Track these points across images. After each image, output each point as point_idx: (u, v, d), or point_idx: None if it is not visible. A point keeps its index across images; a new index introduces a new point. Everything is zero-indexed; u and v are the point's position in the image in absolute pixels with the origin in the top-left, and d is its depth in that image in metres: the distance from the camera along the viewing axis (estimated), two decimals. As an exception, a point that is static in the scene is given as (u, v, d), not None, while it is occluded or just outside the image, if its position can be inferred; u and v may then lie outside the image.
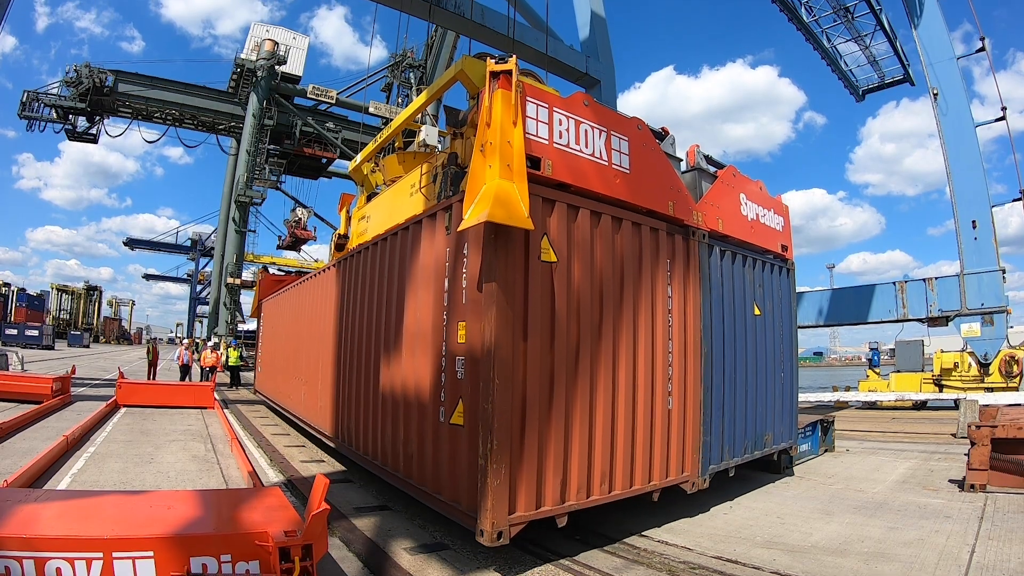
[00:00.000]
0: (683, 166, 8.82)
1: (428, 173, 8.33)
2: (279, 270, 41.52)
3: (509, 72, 5.66)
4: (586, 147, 6.40)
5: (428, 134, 10.49)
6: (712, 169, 9.16)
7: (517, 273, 5.62)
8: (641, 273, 6.97)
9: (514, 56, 5.87)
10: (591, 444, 6.16)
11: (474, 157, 5.64)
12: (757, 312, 9.12)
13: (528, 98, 5.86)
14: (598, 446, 6.21)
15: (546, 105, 6.05)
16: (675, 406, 7.26)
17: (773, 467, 9.81)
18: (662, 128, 8.49)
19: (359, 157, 12.71)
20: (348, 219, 13.00)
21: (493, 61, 5.78)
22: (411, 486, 6.80)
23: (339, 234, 13.47)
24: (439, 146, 10.34)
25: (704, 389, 7.60)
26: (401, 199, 9.31)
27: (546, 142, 5.98)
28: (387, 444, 7.53)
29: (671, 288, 7.41)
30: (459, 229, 5.59)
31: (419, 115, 11.43)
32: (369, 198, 12.17)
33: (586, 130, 6.41)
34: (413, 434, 6.78)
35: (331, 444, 10.09)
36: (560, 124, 6.14)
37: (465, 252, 5.95)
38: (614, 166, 6.73)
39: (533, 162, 5.76)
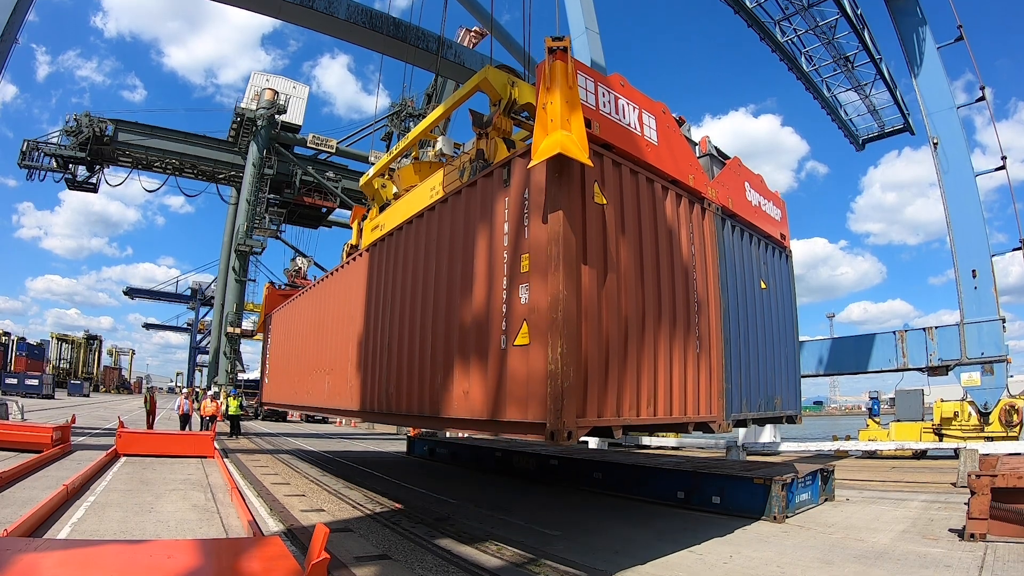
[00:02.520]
0: (697, 151, 9.66)
1: (456, 169, 9.54)
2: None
3: (564, 48, 6.61)
4: (623, 118, 7.47)
5: (444, 144, 11.19)
6: (721, 159, 10.11)
7: (576, 208, 6.45)
8: (670, 230, 7.97)
9: (568, 36, 6.80)
10: (639, 369, 6.98)
11: (538, 115, 6.53)
12: (763, 286, 10.08)
13: (578, 71, 6.74)
14: (645, 373, 7.05)
15: (592, 79, 7.09)
16: (702, 351, 8.14)
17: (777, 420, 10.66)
18: (679, 116, 9.31)
19: (371, 171, 13.20)
20: (360, 230, 13.58)
21: (550, 39, 6.70)
22: (463, 422, 7.55)
23: (351, 245, 14.05)
24: (454, 155, 11.14)
25: (724, 341, 8.50)
26: (421, 201, 10.19)
27: (593, 108, 6.95)
28: (437, 392, 8.11)
29: (693, 248, 8.44)
30: (530, 166, 6.48)
31: (435, 127, 12.01)
32: (381, 209, 12.64)
33: (623, 105, 7.49)
34: (471, 369, 7.34)
35: (359, 419, 10.77)
36: (603, 96, 7.18)
37: (526, 196, 6.80)
38: (646, 137, 7.80)
39: (584, 122, 6.56)
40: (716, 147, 10.10)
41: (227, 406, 26.15)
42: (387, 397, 9.72)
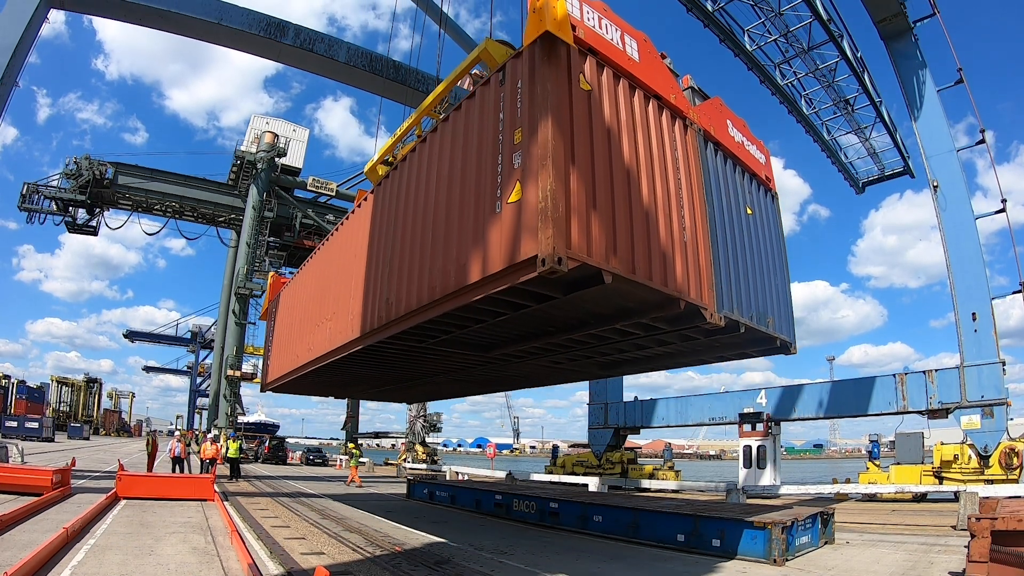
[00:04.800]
0: (681, 85, 9.81)
1: None
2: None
3: None
4: (607, 33, 7.93)
5: None
6: (703, 95, 10.25)
7: (563, 87, 6.91)
8: (651, 133, 8.26)
9: None
10: (631, 222, 7.39)
11: (530, 17, 7.06)
12: (749, 212, 10.20)
13: None
14: (634, 228, 7.43)
15: None
16: (689, 241, 8.40)
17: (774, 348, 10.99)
18: (662, 53, 9.54)
19: (375, 157, 13.37)
20: None
21: None
22: (458, 294, 7.85)
23: None
24: None
25: (712, 243, 8.75)
26: None
27: (578, 19, 7.38)
28: (435, 277, 8.47)
29: (678, 155, 8.65)
30: (522, 48, 7.26)
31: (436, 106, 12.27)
32: None
33: (606, 24, 7.95)
34: (470, 242, 7.73)
35: (360, 346, 11.16)
36: (587, 12, 7.62)
37: (520, 85, 7.28)
38: (627, 53, 8.20)
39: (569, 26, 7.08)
40: (699, 87, 10.39)
41: (227, 449, 26.11)
42: (387, 306, 9.91)
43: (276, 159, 42.85)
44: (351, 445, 45.36)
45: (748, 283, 9.71)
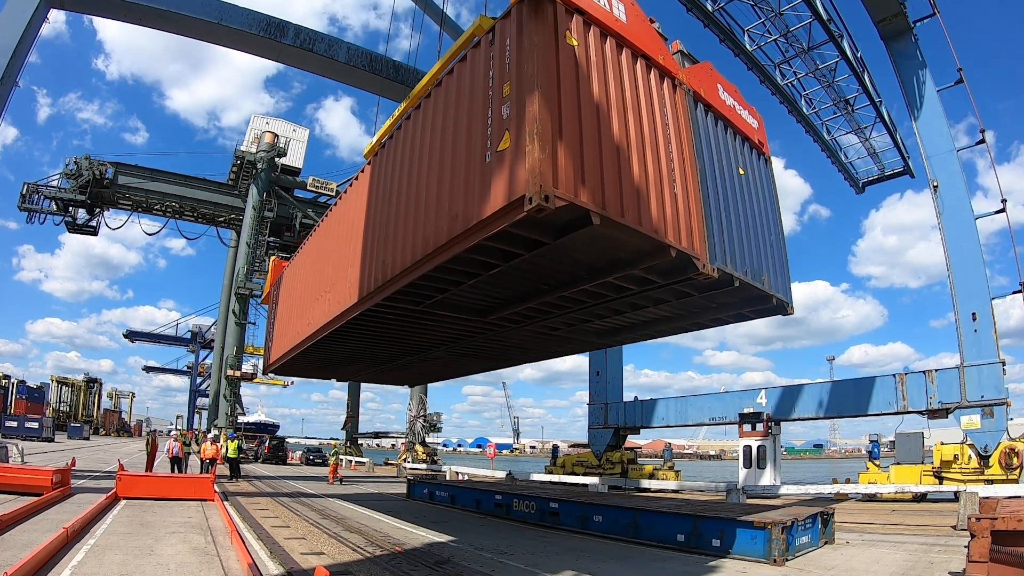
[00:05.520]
0: (670, 48, 9.79)
1: None
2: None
3: None
4: None
5: None
6: (692, 59, 10.21)
7: (549, 41, 7.01)
8: (640, 90, 8.28)
9: None
10: (620, 176, 7.43)
11: None
12: (742, 172, 10.14)
13: None
14: (627, 178, 7.51)
15: None
16: (680, 194, 8.38)
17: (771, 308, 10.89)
18: (651, 17, 9.53)
19: (374, 140, 13.35)
20: None
21: None
22: (450, 245, 7.96)
23: None
24: None
25: (703, 198, 8.71)
26: None
27: None
28: (429, 232, 8.58)
29: (667, 112, 8.62)
30: (510, 7, 7.39)
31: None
32: None
33: None
34: (460, 193, 7.88)
35: (357, 311, 11.28)
36: None
37: (508, 44, 7.42)
38: (615, 14, 8.18)
39: None
40: (689, 52, 10.39)
41: (227, 449, 26.12)
42: (383, 268, 10.01)
43: (276, 159, 42.85)
44: (334, 443, 46.74)
45: (742, 239, 9.65)
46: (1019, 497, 13.54)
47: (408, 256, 9.12)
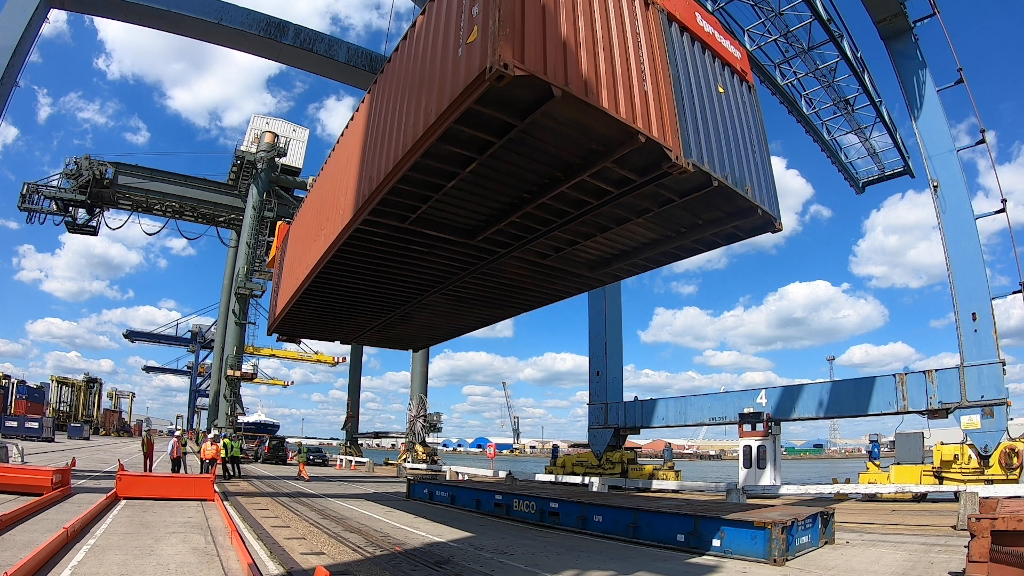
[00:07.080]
0: None
1: None
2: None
3: None
4: None
5: None
6: None
7: None
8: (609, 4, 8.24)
9: None
10: (584, 57, 7.47)
11: None
12: (721, 90, 9.95)
13: None
14: (589, 62, 7.51)
15: None
16: (651, 92, 8.26)
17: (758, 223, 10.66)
18: None
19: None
20: None
21: None
22: (424, 138, 8.11)
23: None
24: None
25: (676, 100, 8.54)
26: None
27: None
28: (407, 133, 8.69)
29: (639, 25, 8.57)
30: None
31: None
32: None
33: None
34: (434, 91, 7.96)
35: (348, 234, 11.38)
36: None
37: None
38: None
39: None
40: None
41: (227, 449, 26.11)
42: (369, 184, 10.15)
43: (276, 159, 42.89)
44: (299, 443, 47.01)
45: (720, 146, 9.51)
46: (1019, 497, 13.57)
47: (391, 163, 9.23)
